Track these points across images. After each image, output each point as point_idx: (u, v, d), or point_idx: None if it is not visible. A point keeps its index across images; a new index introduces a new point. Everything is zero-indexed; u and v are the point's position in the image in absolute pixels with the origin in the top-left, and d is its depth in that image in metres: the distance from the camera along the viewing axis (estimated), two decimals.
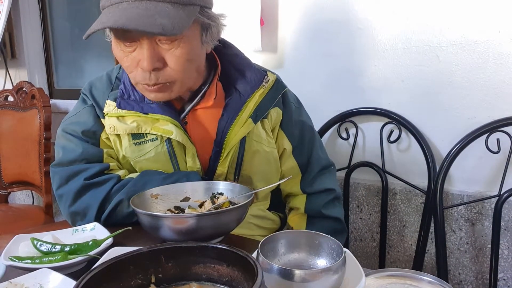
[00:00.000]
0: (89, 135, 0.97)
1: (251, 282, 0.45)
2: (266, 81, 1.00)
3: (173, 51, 0.85)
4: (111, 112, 0.96)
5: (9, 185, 2.09)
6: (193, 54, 0.88)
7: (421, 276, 0.64)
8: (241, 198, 0.86)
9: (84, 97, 1.02)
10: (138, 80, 0.88)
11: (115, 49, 0.89)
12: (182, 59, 0.86)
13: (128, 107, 0.95)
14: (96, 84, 1.03)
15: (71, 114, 1.02)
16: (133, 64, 0.87)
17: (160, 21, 0.77)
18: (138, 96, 0.96)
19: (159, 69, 0.86)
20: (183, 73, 0.88)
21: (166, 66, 0.86)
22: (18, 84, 2.10)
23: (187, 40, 0.85)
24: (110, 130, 0.96)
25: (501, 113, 1.17)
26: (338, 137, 1.47)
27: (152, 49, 0.84)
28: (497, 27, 1.15)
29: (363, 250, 1.50)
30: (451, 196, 1.28)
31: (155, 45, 0.84)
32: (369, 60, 1.36)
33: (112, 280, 0.51)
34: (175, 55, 0.85)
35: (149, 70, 0.85)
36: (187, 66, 0.88)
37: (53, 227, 0.92)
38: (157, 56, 0.84)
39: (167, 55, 0.85)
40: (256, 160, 1.01)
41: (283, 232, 0.69)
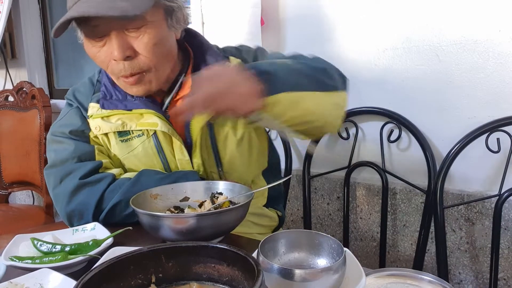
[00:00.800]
0: (78, 134, 0.99)
1: (252, 281, 0.45)
2: None
3: (141, 38, 0.87)
4: (95, 114, 0.98)
5: (9, 185, 2.09)
6: (161, 39, 0.90)
7: (422, 275, 0.64)
8: (240, 198, 0.86)
9: (68, 101, 1.05)
10: (115, 72, 0.90)
11: (87, 48, 0.91)
12: (150, 44, 0.87)
13: (111, 107, 0.97)
14: (79, 89, 1.05)
15: (58, 119, 1.04)
16: (106, 58, 0.89)
17: (120, 4, 0.80)
18: (120, 95, 0.98)
19: (131, 58, 0.87)
20: (155, 58, 0.89)
21: (137, 54, 0.88)
22: (18, 84, 2.10)
23: (153, 25, 0.87)
24: (96, 130, 0.98)
25: (501, 112, 1.17)
26: (338, 137, 1.47)
27: (121, 39, 0.86)
28: (497, 26, 1.15)
29: (363, 249, 1.50)
30: (451, 195, 1.28)
31: (124, 35, 0.86)
32: (369, 60, 1.36)
33: (112, 280, 0.51)
34: (143, 41, 0.87)
35: (121, 59, 0.86)
36: (157, 51, 0.89)
37: (54, 227, 0.92)
38: (127, 45, 0.86)
39: (135, 43, 0.87)
40: (230, 145, 1.00)
41: (283, 232, 0.69)
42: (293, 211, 1.64)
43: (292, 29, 1.50)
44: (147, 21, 0.86)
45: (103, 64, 0.91)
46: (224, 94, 0.71)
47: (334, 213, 1.54)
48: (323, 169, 1.52)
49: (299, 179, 1.58)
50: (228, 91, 0.71)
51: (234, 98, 0.71)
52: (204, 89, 0.70)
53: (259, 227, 1.08)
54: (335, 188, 1.52)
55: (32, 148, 1.93)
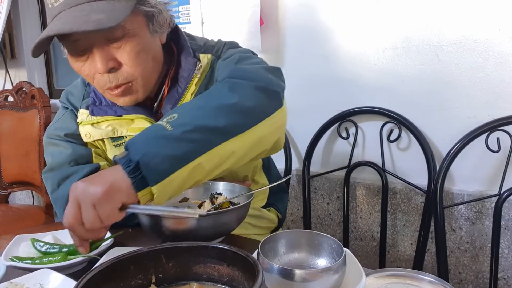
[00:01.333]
0: (74, 137, 0.98)
1: (252, 282, 0.45)
2: (199, 68, 0.94)
3: (123, 47, 0.84)
4: (85, 120, 0.97)
5: (9, 185, 2.09)
6: (144, 46, 0.87)
7: (422, 275, 0.64)
8: (240, 198, 0.86)
9: (63, 105, 1.04)
10: (101, 85, 0.88)
11: (71, 63, 0.89)
12: (133, 53, 0.85)
13: (101, 113, 0.96)
14: (72, 91, 1.04)
15: (54, 122, 1.04)
16: (91, 72, 0.87)
17: (95, 17, 0.77)
18: (110, 101, 0.96)
19: (116, 70, 0.85)
20: (140, 67, 0.87)
21: (121, 65, 0.85)
22: (18, 84, 2.10)
23: (133, 33, 0.84)
24: (86, 137, 0.97)
25: (501, 112, 1.17)
26: (338, 137, 1.47)
27: (103, 51, 0.83)
28: (497, 26, 1.15)
29: (363, 249, 1.50)
30: (451, 195, 1.28)
31: (105, 47, 0.83)
32: (368, 60, 1.36)
33: (112, 280, 0.51)
34: (126, 51, 0.84)
35: (104, 71, 0.84)
36: (141, 60, 0.87)
37: (54, 227, 0.92)
38: (109, 57, 0.84)
39: (118, 54, 0.84)
40: None
41: (283, 232, 0.69)
42: (293, 211, 1.64)
43: (291, 29, 1.50)
44: (127, 30, 0.83)
45: (88, 78, 0.89)
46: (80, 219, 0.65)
47: (334, 213, 1.54)
48: (323, 169, 1.52)
49: (299, 179, 1.58)
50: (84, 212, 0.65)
51: (92, 213, 0.64)
52: (65, 223, 0.67)
53: (257, 229, 1.07)
54: (335, 188, 1.52)
55: (32, 148, 1.93)
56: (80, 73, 0.90)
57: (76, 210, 0.64)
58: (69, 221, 0.65)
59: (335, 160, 1.51)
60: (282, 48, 1.53)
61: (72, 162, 0.96)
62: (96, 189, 0.63)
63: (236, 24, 1.55)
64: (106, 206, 0.63)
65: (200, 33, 1.67)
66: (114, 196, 0.64)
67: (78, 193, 0.64)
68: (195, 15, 1.69)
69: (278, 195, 1.18)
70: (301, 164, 1.54)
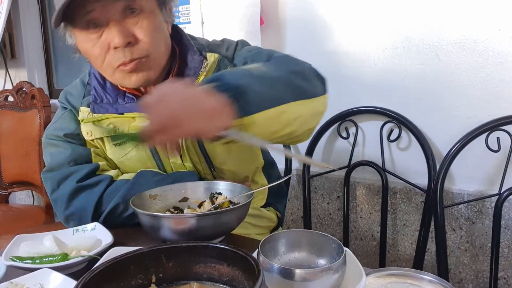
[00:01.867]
0: (73, 137, 0.98)
1: (252, 281, 0.45)
2: (205, 66, 0.96)
3: (140, 23, 0.86)
4: (86, 118, 0.97)
5: (9, 185, 2.09)
6: (158, 26, 0.90)
7: (422, 275, 0.64)
8: (240, 198, 0.86)
9: (62, 105, 1.04)
10: (114, 63, 0.87)
11: (80, 43, 0.89)
12: (149, 29, 0.87)
13: (102, 110, 0.96)
14: (70, 91, 1.04)
15: (53, 122, 1.03)
16: (103, 50, 0.87)
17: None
18: (111, 98, 0.96)
19: (132, 44, 0.86)
20: (154, 45, 0.88)
21: (137, 40, 0.86)
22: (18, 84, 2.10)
23: (149, 11, 0.87)
24: (87, 136, 0.97)
25: (501, 111, 1.17)
26: (338, 136, 1.47)
27: (120, 25, 0.84)
28: (497, 25, 1.15)
29: (363, 249, 1.50)
30: (451, 195, 1.28)
31: (122, 22, 0.85)
32: (368, 59, 1.36)
33: (112, 280, 0.51)
34: (143, 27, 0.86)
35: (123, 45, 0.84)
36: (156, 37, 0.89)
37: (54, 227, 0.92)
38: (127, 31, 0.85)
39: (135, 29, 0.86)
40: (218, 148, 0.98)
41: (283, 232, 0.69)
42: (293, 211, 1.64)
43: (291, 28, 1.50)
44: (144, 6, 0.86)
45: (98, 58, 0.89)
46: (182, 117, 0.61)
47: (334, 213, 1.54)
48: (323, 169, 1.52)
49: (299, 178, 1.58)
50: (186, 112, 0.61)
51: (196, 121, 0.61)
52: (155, 115, 0.62)
53: (256, 228, 1.07)
54: (335, 187, 1.52)
55: (32, 148, 1.93)
56: (89, 55, 0.89)
57: (187, 111, 0.61)
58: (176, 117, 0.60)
59: (335, 160, 1.51)
60: (282, 48, 1.53)
61: (72, 162, 0.96)
62: (212, 102, 0.62)
63: (236, 24, 1.55)
64: (214, 122, 0.61)
65: (200, 33, 1.67)
66: (224, 116, 0.62)
67: (181, 89, 0.63)
68: (195, 15, 1.69)
69: (277, 195, 1.18)
70: (301, 164, 1.54)
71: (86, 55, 0.91)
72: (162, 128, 0.61)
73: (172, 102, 0.62)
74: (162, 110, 0.61)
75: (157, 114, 0.62)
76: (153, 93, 0.63)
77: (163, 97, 0.62)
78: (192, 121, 0.61)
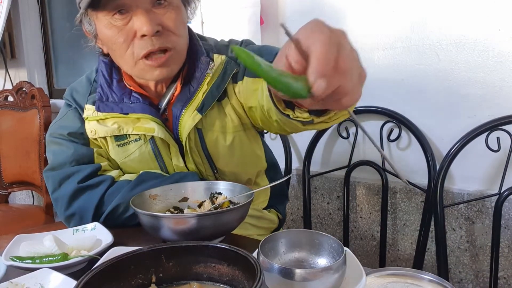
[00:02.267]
0: (77, 136, 0.97)
1: (252, 281, 0.45)
2: (211, 68, 0.94)
3: (169, 14, 0.86)
4: (91, 116, 0.96)
5: (9, 185, 2.09)
6: (184, 20, 0.90)
7: (422, 274, 0.64)
8: (240, 198, 0.86)
9: (67, 102, 1.03)
10: (139, 52, 0.86)
11: (105, 29, 0.87)
12: (178, 21, 0.87)
13: (107, 109, 0.95)
14: (76, 88, 1.03)
15: (57, 119, 1.03)
16: (129, 37, 0.85)
17: None
18: (117, 97, 0.95)
19: (160, 34, 0.85)
20: (181, 37, 0.89)
21: (165, 30, 0.86)
22: (18, 84, 2.10)
23: (177, 5, 0.88)
24: (91, 134, 0.96)
25: (501, 111, 1.17)
26: (338, 136, 1.47)
27: (150, 14, 0.84)
28: (497, 25, 1.15)
29: (363, 249, 1.50)
30: (451, 194, 1.28)
31: (150, 10, 0.84)
32: (369, 59, 1.36)
33: (112, 279, 0.51)
34: (171, 17, 0.86)
35: (152, 33, 0.83)
36: (182, 31, 0.90)
37: (54, 227, 0.92)
38: (156, 20, 0.84)
39: (163, 19, 0.86)
40: (221, 150, 0.97)
41: (283, 232, 0.69)
42: (293, 211, 1.64)
43: (291, 28, 1.50)
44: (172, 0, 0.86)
45: (123, 46, 0.86)
46: (348, 64, 0.48)
47: (334, 212, 1.54)
48: (323, 169, 1.52)
49: (299, 178, 1.58)
50: (356, 67, 0.50)
51: (357, 79, 0.50)
52: (324, 47, 0.47)
53: (257, 229, 1.07)
54: (335, 187, 1.52)
55: (32, 148, 1.93)
56: (113, 41, 0.87)
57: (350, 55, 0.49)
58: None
59: (335, 160, 1.51)
60: None
61: (74, 162, 0.95)
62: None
63: (236, 24, 1.55)
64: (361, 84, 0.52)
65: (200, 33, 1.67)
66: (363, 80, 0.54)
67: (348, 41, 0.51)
68: None
69: (279, 197, 1.17)
70: (301, 164, 1.54)
71: (108, 42, 0.89)
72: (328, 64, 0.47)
73: (343, 49, 0.49)
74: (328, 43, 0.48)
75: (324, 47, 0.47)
76: (311, 24, 0.51)
77: (337, 43, 0.49)
78: (354, 78, 0.50)
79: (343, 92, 0.49)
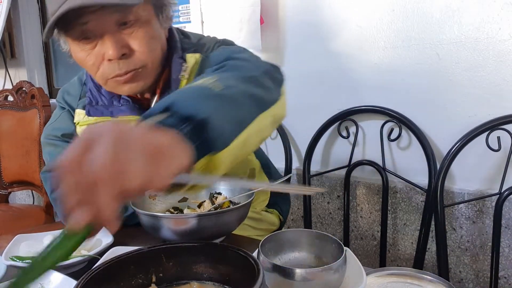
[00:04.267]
0: (71, 137, 0.97)
1: (252, 281, 0.45)
2: (185, 70, 0.91)
3: (135, 33, 0.83)
4: (82, 121, 0.96)
5: (9, 185, 2.09)
6: (155, 34, 0.87)
7: (422, 274, 0.64)
8: (240, 198, 0.86)
9: (59, 104, 1.03)
10: (107, 74, 0.85)
11: (75, 52, 0.86)
12: (145, 40, 0.84)
13: (97, 113, 0.94)
14: (68, 90, 1.03)
15: (51, 122, 1.03)
16: (98, 60, 0.84)
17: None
18: (106, 100, 0.95)
19: (127, 56, 0.83)
20: (151, 54, 0.86)
21: (133, 52, 0.84)
22: (17, 84, 2.09)
23: (146, 20, 0.84)
24: None
25: (502, 110, 1.17)
26: (338, 136, 1.47)
27: (115, 37, 0.81)
28: (497, 24, 1.15)
29: (363, 248, 1.50)
30: (452, 194, 1.28)
31: (117, 33, 0.82)
32: (369, 59, 1.36)
33: (112, 279, 0.51)
34: (138, 37, 0.83)
35: (117, 57, 0.82)
36: (152, 45, 0.86)
37: (54, 227, 0.92)
38: (122, 43, 0.82)
39: (130, 39, 0.83)
40: None
41: (283, 231, 0.69)
42: (293, 210, 1.64)
43: (291, 27, 1.50)
44: (140, 16, 0.82)
45: (93, 68, 0.86)
46: (119, 168, 0.39)
47: (335, 212, 1.54)
48: (323, 168, 1.52)
49: (299, 178, 1.58)
50: (124, 161, 0.40)
51: (139, 169, 0.40)
52: (78, 175, 0.40)
53: (256, 231, 1.06)
54: (335, 187, 1.52)
55: (32, 147, 1.93)
56: (83, 64, 0.87)
57: (122, 156, 0.39)
58: (105, 169, 0.39)
59: (335, 159, 1.51)
60: (282, 47, 1.53)
61: None
62: (161, 138, 0.44)
63: (236, 23, 1.55)
64: (166, 163, 0.43)
65: (200, 32, 1.67)
66: (178, 155, 0.45)
67: (116, 129, 0.41)
68: (195, 14, 1.69)
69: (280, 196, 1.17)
70: (302, 163, 1.54)
71: (80, 63, 0.88)
72: (90, 190, 0.39)
73: (102, 151, 0.39)
74: (89, 166, 0.39)
75: (80, 174, 0.40)
76: (75, 142, 0.42)
77: (89, 146, 0.40)
78: (134, 171, 0.40)
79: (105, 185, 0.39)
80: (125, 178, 0.39)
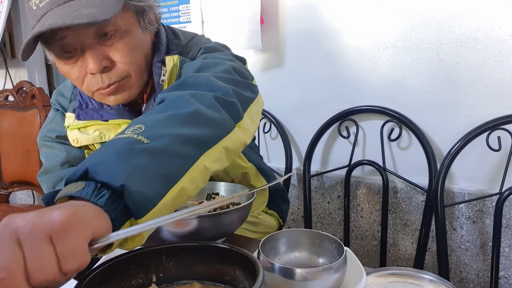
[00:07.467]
0: (66, 139, 0.97)
1: (252, 281, 0.45)
2: (164, 74, 0.89)
3: (116, 45, 0.80)
4: (72, 125, 0.96)
5: (9, 185, 2.09)
6: (136, 43, 0.84)
7: (422, 274, 0.64)
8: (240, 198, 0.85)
9: (53, 106, 1.03)
10: (91, 87, 0.84)
11: (59, 66, 0.85)
12: (126, 50, 0.81)
13: (87, 117, 0.94)
14: (62, 92, 1.03)
15: (46, 123, 1.03)
16: (81, 74, 0.83)
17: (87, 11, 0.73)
18: (96, 104, 0.94)
19: (109, 69, 0.82)
20: (133, 64, 0.84)
21: (114, 64, 0.82)
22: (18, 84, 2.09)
23: (125, 29, 0.82)
24: (73, 143, 0.96)
25: (502, 110, 1.17)
26: (338, 136, 1.47)
27: (94, 50, 0.80)
28: (497, 24, 1.15)
29: (364, 248, 1.50)
30: (452, 194, 1.28)
31: (97, 46, 0.80)
32: (369, 58, 1.36)
33: (113, 279, 0.51)
34: (118, 48, 0.81)
35: (97, 71, 0.80)
36: (134, 56, 0.83)
37: None
38: (102, 56, 0.80)
39: (111, 52, 0.81)
40: None
41: (283, 231, 0.69)
42: (294, 210, 1.64)
43: (291, 27, 1.50)
44: (119, 26, 0.80)
45: (78, 81, 0.85)
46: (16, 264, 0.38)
47: (335, 212, 1.54)
48: (323, 168, 1.52)
49: (299, 178, 1.58)
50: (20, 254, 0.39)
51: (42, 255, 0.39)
52: None
53: (255, 234, 1.05)
54: (335, 187, 1.52)
55: (32, 147, 1.93)
56: (68, 77, 0.86)
57: (16, 251, 0.38)
58: (4, 270, 0.37)
59: (335, 159, 1.51)
60: (282, 47, 1.53)
61: (66, 164, 0.96)
62: (53, 216, 0.41)
63: (236, 23, 1.55)
64: (71, 236, 0.40)
65: (200, 32, 1.67)
66: (83, 224, 0.42)
67: (18, 225, 0.40)
68: (195, 14, 1.69)
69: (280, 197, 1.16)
70: (302, 163, 1.54)
71: (65, 76, 0.87)
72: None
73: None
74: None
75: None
76: None
77: None
78: (37, 262, 0.38)
79: None
80: (35, 271, 0.38)
